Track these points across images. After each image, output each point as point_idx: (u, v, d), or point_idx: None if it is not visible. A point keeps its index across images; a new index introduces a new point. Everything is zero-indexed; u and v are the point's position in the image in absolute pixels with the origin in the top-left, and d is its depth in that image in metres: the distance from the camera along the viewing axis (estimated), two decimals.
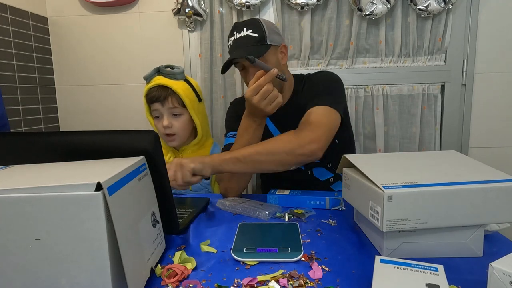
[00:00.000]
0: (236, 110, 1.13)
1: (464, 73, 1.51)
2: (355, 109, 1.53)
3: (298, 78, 1.13)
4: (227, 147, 1.05)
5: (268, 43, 0.99)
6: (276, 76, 0.85)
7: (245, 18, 1.50)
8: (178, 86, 1.09)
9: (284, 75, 0.89)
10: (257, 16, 1.54)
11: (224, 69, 1.03)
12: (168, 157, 1.17)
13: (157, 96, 1.09)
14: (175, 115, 1.12)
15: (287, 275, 0.53)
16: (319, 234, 0.69)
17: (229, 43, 1.03)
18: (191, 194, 1.17)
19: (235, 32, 1.02)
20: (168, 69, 1.12)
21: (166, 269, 0.56)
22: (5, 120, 1.12)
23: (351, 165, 0.70)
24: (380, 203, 0.54)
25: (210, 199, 0.92)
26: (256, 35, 0.99)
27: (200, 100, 1.17)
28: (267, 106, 0.84)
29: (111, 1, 1.54)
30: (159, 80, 1.10)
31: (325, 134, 0.88)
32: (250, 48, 0.98)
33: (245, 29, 1.00)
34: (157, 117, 1.13)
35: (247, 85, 1.05)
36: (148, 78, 1.13)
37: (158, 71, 1.13)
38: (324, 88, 1.03)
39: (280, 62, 1.03)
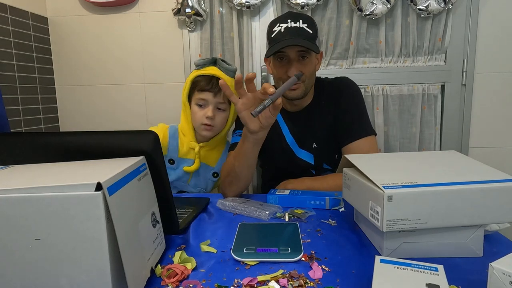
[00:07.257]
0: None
1: (464, 73, 1.51)
2: None
3: (316, 82, 1.13)
4: (233, 147, 1.04)
5: (317, 44, 0.99)
6: (295, 75, 0.86)
7: (245, 18, 1.50)
8: (229, 82, 1.08)
9: (300, 73, 0.92)
10: (257, 17, 1.54)
11: (269, 53, 0.97)
12: (182, 144, 1.17)
13: (212, 87, 1.09)
14: (219, 109, 1.13)
15: (287, 275, 0.53)
16: (319, 234, 0.69)
17: (278, 28, 0.98)
18: (191, 194, 1.17)
19: (289, 20, 0.97)
20: (224, 63, 1.14)
21: (166, 269, 0.56)
22: (5, 120, 1.12)
23: (351, 165, 0.70)
24: (380, 203, 0.54)
25: (210, 199, 0.92)
26: (311, 31, 0.97)
27: None
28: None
29: (111, 1, 1.54)
30: (214, 71, 1.11)
31: None
32: (307, 42, 0.94)
33: (301, 21, 0.97)
34: (201, 105, 1.13)
35: (277, 78, 1.04)
36: (201, 65, 1.14)
37: (215, 62, 1.14)
38: (356, 113, 1.04)
39: (315, 68, 1.05)
